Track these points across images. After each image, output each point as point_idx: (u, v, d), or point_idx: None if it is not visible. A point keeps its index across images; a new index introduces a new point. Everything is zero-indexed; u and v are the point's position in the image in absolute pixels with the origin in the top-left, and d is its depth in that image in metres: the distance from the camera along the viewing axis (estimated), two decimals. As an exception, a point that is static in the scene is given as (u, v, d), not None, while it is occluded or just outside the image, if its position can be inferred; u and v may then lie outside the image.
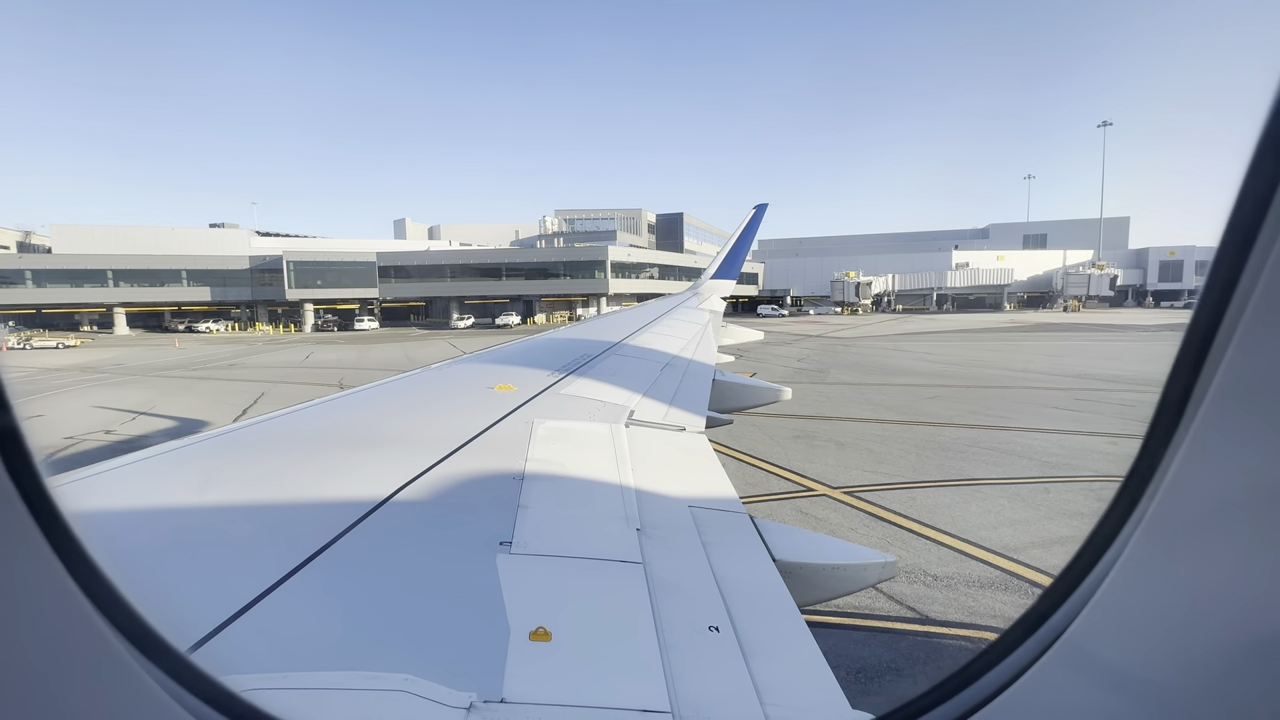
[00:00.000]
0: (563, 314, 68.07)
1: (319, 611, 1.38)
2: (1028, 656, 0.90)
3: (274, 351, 39.01)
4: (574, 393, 3.74)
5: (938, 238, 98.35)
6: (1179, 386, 0.73)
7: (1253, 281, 0.65)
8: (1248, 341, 0.66)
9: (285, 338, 53.37)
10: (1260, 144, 0.65)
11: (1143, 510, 0.77)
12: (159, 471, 2.20)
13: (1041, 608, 0.91)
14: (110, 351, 42.52)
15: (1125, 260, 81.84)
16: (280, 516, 1.86)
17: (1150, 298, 79.54)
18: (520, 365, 4.70)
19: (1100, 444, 12.01)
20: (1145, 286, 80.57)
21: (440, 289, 63.57)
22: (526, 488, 2.15)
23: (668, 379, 4.70)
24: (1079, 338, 36.90)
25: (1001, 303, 78.81)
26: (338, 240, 73.99)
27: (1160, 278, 79.97)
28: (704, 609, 1.56)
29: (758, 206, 15.28)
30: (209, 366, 30.78)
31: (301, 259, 59.81)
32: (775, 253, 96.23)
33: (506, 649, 1.28)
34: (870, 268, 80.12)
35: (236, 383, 23.90)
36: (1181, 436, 0.72)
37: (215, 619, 1.27)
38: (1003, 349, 30.86)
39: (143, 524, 1.74)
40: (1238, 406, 0.68)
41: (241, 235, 68.89)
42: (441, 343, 41.88)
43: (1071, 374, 21.35)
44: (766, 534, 2.08)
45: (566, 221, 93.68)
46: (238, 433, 2.66)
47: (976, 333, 42.01)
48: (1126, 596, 0.79)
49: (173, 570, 1.52)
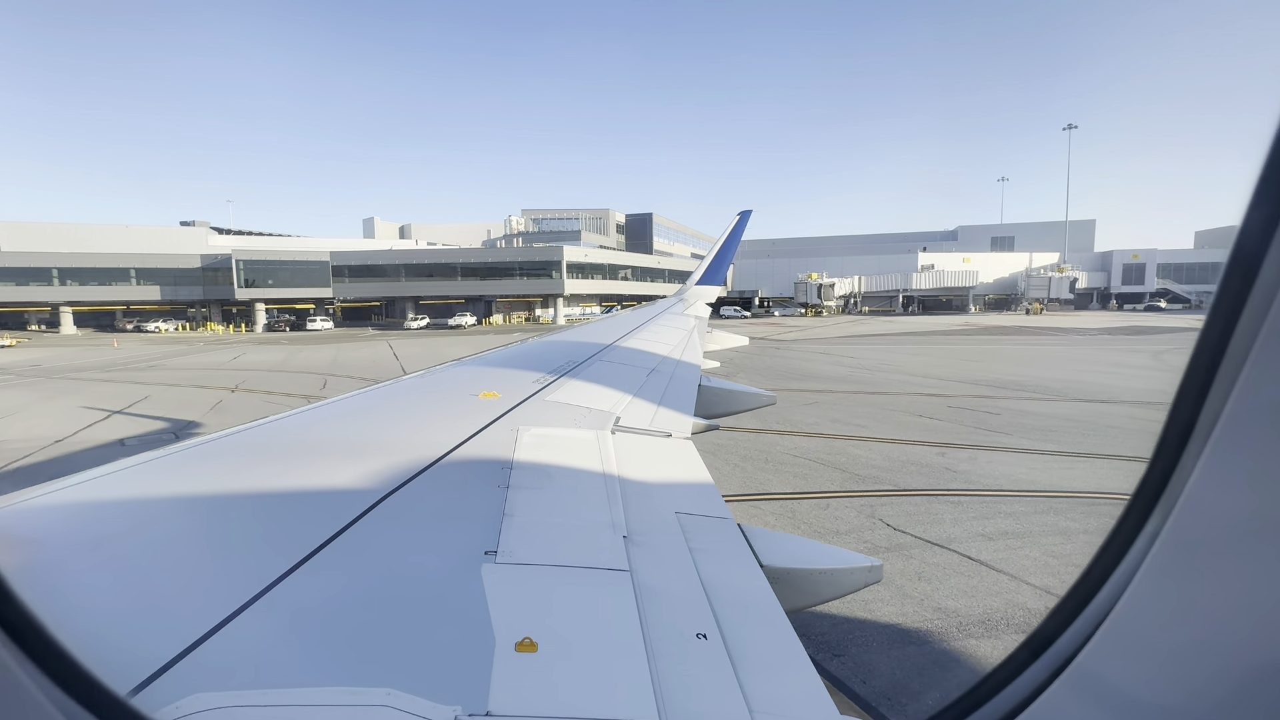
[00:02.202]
0: (520, 314, 67.58)
1: (299, 625, 1.34)
2: (1036, 681, 0.87)
3: (208, 353, 38.31)
4: (559, 399, 3.69)
5: (907, 239, 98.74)
6: (1189, 402, 0.70)
7: (1268, 293, 0.61)
8: (1266, 357, 0.62)
9: (230, 338, 52.53)
10: (1272, 151, 0.62)
11: (1154, 531, 0.74)
12: (125, 484, 2.13)
13: (1048, 630, 0.87)
14: (44, 351, 41.61)
15: (1090, 263, 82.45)
16: (257, 530, 1.83)
17: (1114, 300, 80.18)
18: (505, 371, 4.69)
19: (928, 455, 11.78)
20: (1109, 289, 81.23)
21: (394, 289, 62.99)
22: (511, 496, 2.13)
23: (654, 385, 4.64)
24: (1016, 341, 36.94)
25: (967, 305, 79.16)
26: (296, 239, 73.12)
27: (1124, 280, 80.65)
28: (692, 616, 1.55)
29: (742, 213, 15.24)
30: (129, 368, 30.11)
31: (252, 258, 58.95)
32: (748, 254, 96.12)
33: (492, 661, 1.26)
34: (838, 269, 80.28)
35: (133, 385, 23.30)
36: (1195, 455, 0.69)
37: (190, 635, 1.23)
38: (930, 353, 30.77)
39: (114, 538, 1.70)
40: (1258, 426, 0.64)
41: (198, 233, 67.76)
42: (382, 344, 41.32)
43: (972, 380, 21.22)
44: (753, 540, 2.09)
45: (534, 221, 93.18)
46: (209, 445, 2.59)
47: (923, 335, 42.00)
48: (1141, 621, 0.76)
49: (145, 586, 1.47)
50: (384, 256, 63.96)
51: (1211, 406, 0.68)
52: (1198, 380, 0.69)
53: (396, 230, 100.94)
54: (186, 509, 1.98)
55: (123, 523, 1.81)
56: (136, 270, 59.04)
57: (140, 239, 63.84)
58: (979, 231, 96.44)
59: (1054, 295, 74.00)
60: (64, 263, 56.61)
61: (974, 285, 78.97)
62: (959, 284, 78.93)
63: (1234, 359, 0.65)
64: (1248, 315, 0.64)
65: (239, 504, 2.02)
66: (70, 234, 62.36)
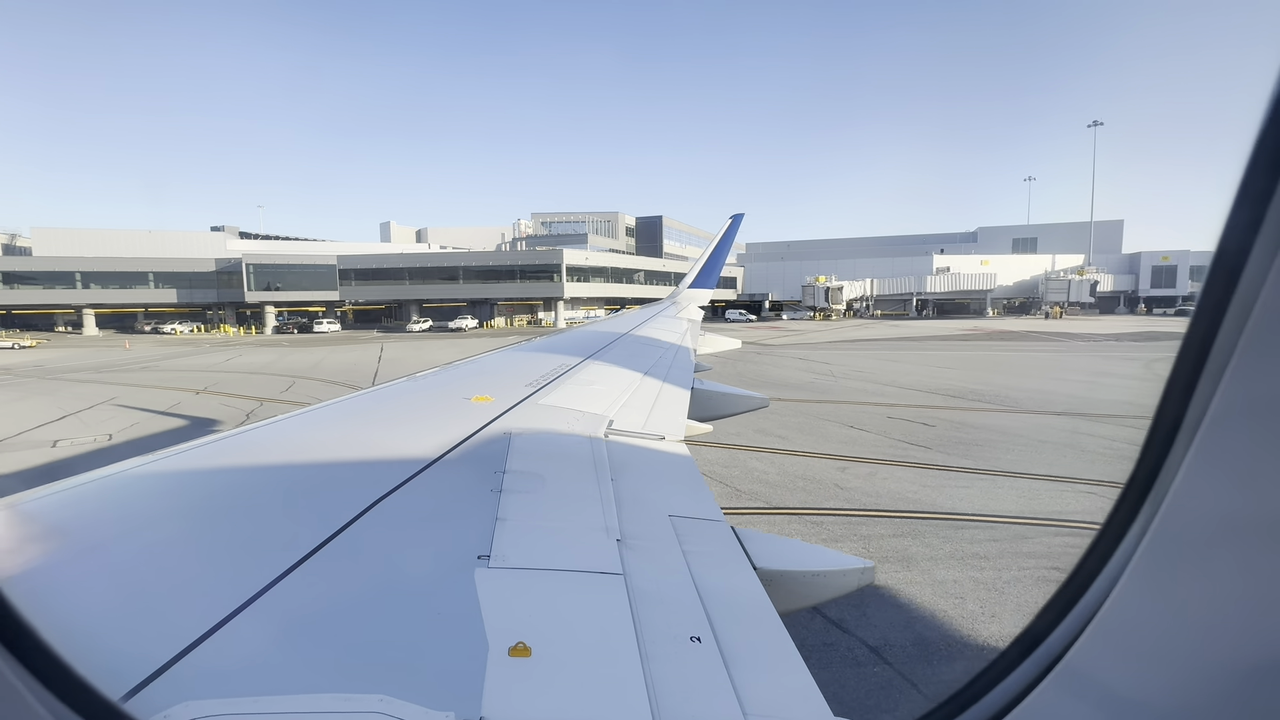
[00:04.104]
0: (523, 318, 67.97)
1: (292, 630, 1.34)
2: (1025, 680, 0.87)
3: (209, 354, 39.41)
4: (552, 403, 3.70)
5: (925, 241, 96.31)
6: (1175, 401, 0.70)
7: (1253, 293, 0.61)
8: (1251, 356, 0.62)
9: (238, 340, 53.92)
10: (1257, 147, 0.61)
11: (1141, 529, 0.74)
12: (117, 489, 2.16)
13: (1037, 628, 0.87)
14: (58, 352, 43.38)
15: (1117, 265, 79.14)
16: (249, 535, 1.83)
17: (1142, 304, 76.84)
18: (498, 376, 4.71)
19: (827, 470, 11.33)
20: (1137, 292, 77.86)
21: (399, 292, 63.94)
22: (505, 500, 2.13)
23: (647, 388, 4.66)
24: (1011, 348, 35.62)
25: (985, 309, 76.80)
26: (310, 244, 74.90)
27: (1153, 283, 77.12)
28: (685, 619, 1.55)
29: (734, 216, 15.41)
30: (124, 369, 31.13)
31: (261, 262, 60.58)
32: (761, 256, 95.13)
33: (485, 666, 1.25)
34: (851, 272, 78.71)
35: (109, 387, 24.04)
36: (1181, 453, 0.69)
37: (183, 640, 1.23)
38: (910, 360, 29.85)
39: (107, 543, 1.70)
40: (1243, 424, 0.64)
41: (216, 238, 70.06)
42: (375, 348, 41.97)
43: (932, 389, 20.46)
44: (747, 542, 2.09)
45: (543, 225, 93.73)
46: (202, 449, 2.59)
47: (919, 341, 40.85)
48: (1130, 619, 0.75)
49: (137, 590, 1.47)
50: (389, 260, 64.96)
51: (1197, 404, 0.67)
52: (1184, 378, 0.69)
53: (413, 234, 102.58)
54: (179, 513, 1.98)
55: (115, 527, 1.82)
56: (155, 274, 61.20)
57: (162, 243, 66.25)
58: (1000, 233, 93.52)
59: (1074, 299, 71.23)
60: (86, 266, 58.95)
61: (991, 288, 76.54)
62: (975, 287, 76.58)
63: (1219, 357, 0.65)
64: (1232, 314, 0.63)
65: (232, 509, 2.03)
66: (97, 239, 65.04)
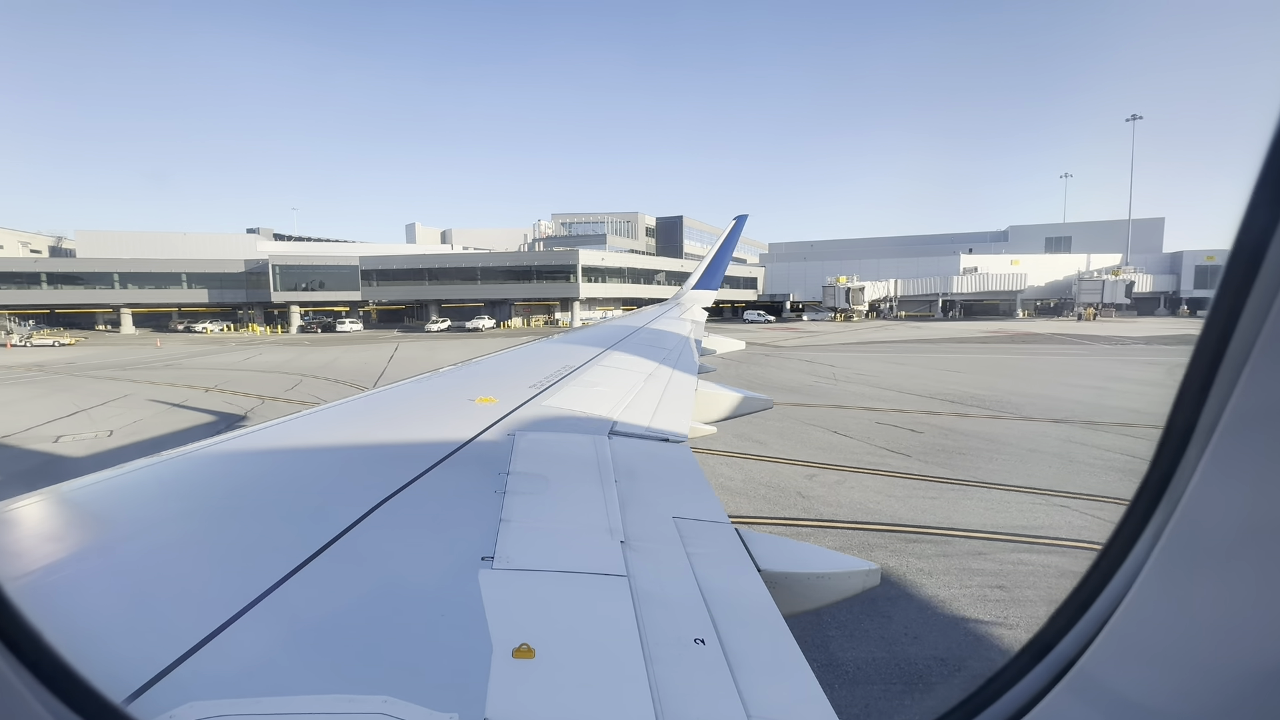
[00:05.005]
0: (540, 318, 68.43)
1: (295, 632, 1.35)
2: (1037, 685, 0.87)
3: (232, 353, 40.62)
4: (556, 404, 3.74)
5: (952, 240, 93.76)
6: (1190, 405, 0.69)
7: (1268, 296, 0.60)
8: (1266, 360, 0.61)
9: (263, 339, 55.48)
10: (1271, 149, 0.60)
11: (1155, 534, 0.73)
12: (120, 490, 2.18)
13: (1048, 634, 0.86)
14: (94, 350, 45.28)
15: (1158, 265, 75.85)
16: (253, 536, 1.85)
17: (1185, 305, 73.44)
18: (502, 377, 4.74)
19: (794, 478, 11.05)
20: (1179, 293, 74.46)
21: (419, 292, 65.01)
22: (509, 501, 2.14)
23: (650, 389, 4.67)
24: (1029, 351, 34.41)
25: (1015, 310, 74.41)
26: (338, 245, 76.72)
27: (1196, 284, 73.59)
28: (689, 621, 1.55)
29: (738, 217, 15.31)
30: (149, 367, 32.26)
31: (286, 263, 62.34)
32: (783, 256, 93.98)
33: (489, 667, 1.25)
34: (875, 272, 77.16)
35: (127, 384, 24.94)
36: (1195, 459, 0.68)
37: (186, 641, 1.23)
38: (918, 363, 29.06)
39: (110, 544, 1.73)
40: (1258, 429, 0.63)
41: (247, 239, 72.36)
42: (390, 347, 42.72)
43: (932, 394, 19.85)
44: (751, 544, 2.08)
45: (563, 225, 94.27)
46: (207, 450, 2.61)
47: (935, 343, 39.78)
48: (1143, 624, 0.75)
49: (141, 591, 1.49)
50: (409, 261, 66.15)
51: (1212, 409, 0.66)
52: (1198, 383, 0.68)
53: (438, 235, 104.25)
54: (183, 515, 1.99)
55: (120, 529, 1.83)
56: (187, 275, 63.60)
57: (197, 245, 68.70)
58: (1032, 231, 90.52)
59: (1108, 300, 68.47)
60: (123, 268, 61.60)
61: (1021, 289, 74.08)
62: (1005, 287, 74.24)
63: (1234, 361, 0.64)
64: (1247, 317, 0.62)
65: (236, 510, 2.03)
66: (137, 241, 67.85)
